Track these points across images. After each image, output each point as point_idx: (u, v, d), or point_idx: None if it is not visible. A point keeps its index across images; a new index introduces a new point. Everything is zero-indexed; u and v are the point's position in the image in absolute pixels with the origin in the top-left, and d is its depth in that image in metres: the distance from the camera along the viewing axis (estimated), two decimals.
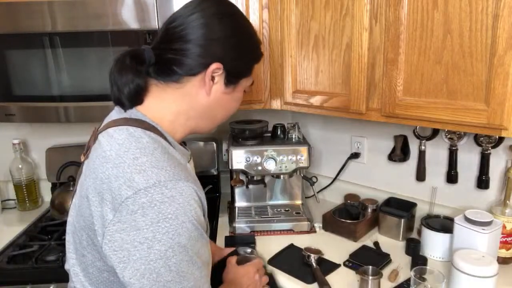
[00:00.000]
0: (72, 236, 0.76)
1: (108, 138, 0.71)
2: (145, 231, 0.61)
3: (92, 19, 1.27)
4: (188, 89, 0.77)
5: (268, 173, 1.41)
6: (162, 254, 0.62)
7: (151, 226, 0.61)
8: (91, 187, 0.68)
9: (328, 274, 1.16)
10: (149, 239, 0.61)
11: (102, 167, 0.67)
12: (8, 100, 1.36)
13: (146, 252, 0.61)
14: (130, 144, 0.68)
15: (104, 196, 0.65)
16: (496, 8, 0.85)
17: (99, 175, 0.67)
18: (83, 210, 0.69)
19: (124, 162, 0.65)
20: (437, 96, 1.00)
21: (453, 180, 1.33)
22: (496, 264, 0.97)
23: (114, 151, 0.68)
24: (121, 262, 0.63)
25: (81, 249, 0.72)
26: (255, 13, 1.33)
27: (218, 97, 0.79)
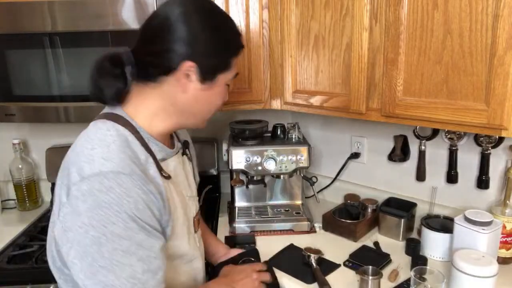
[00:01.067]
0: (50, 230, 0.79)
1: (84, 130, 0.78)
2: (83, 217, 0.66)
3: (92, 19, 1.27)
4: (166, 87, 0.80)
5: (268, 173, 1.41)
6: (95, 240, 0.66)
7: (88, 212, 0.66)
8: (59, 174, 0.75)
9: (328, 274, 1.16)
10: (86, 224, 0.65)
11: (68, 156, 0.75)
12: (8, 100, 1.36)
13: (83, 236, 0.66)
14: (95, 135, 0.74)
15: (63, 180, 0.71)
16: (496, 8, 0.85)
17: (64, 163, 0.74)
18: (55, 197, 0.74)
19: (82, 151, 0.71)
20: (437, 96, 1.00)
21: (453, 180, 1.33)
22: (496, 264, 0.97)
23: (81, 141, 0.74)
24: (68, 242, 0.68)
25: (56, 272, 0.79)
26: (255, 13, 1.33)
27: (196, 94, 0.81)
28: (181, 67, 0.77)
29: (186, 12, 0.77)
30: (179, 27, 0.76)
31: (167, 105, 0.82)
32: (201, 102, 0.83)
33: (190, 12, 0.78)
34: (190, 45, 0.77)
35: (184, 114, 0.84)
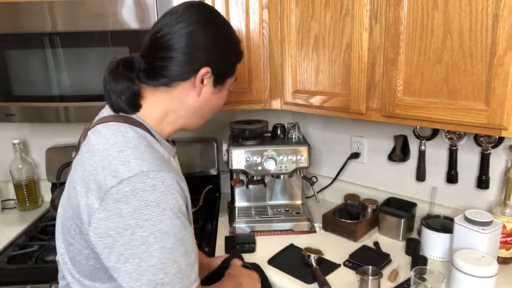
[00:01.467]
0: (61, 227, 0.79)
1: (96, 134, 0.76)
2: (128, 218, 0.64)
3: (92, 19, 1.27)
4: (178, 91, 0.82)
5: (268, 173, 1.41)
6: (144, 240, 0.65)
7: (134, 213, 0.64)
8: (79, 178, 0.71)
9: (328, 274, 1.16)
10: (131, 225, 0.64)
11: (90, 160, 0.71)
12: (8, 100, 1.36)
13: (129, 238, 0.65)
14: (117, 138, 0.72)
15: (90, 186, 0.68)
16: (496, 8, 0.85)
17: (87, 167, 0.71)
18: (71, 200, 0.73)
19: (110, 154, 0.69)
20: (437, 96, 1.00)
21: (453, 180, 1.33)
22: (496, 264, 0.97)
23: (102, 145, 0.72)
24: (106, 248, 0.67)
25: (69, 238, 0.75)
26: (255, 13, 1.33)
27: (207, 98, 0.86)
28: (199, 73, 0.81)
29: (201, 21, 0.81)
30: (197, 35, 0.80)
31: (177, 108, 0.84)
32: (210, 104, 0.88)
33: (207, 21, 0.82)
34: (207, 52, 0.81)
35: (193, 116, 0.87)
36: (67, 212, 0.75)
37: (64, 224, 0.77)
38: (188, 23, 0.79)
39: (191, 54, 0.79)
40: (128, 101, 0.78)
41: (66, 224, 0.76)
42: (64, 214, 0.77)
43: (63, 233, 0.78)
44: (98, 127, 0.77)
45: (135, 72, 0.80)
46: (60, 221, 0.79)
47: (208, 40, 0.81)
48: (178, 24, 0.79)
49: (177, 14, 0.81)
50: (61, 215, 0.79)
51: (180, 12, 0.81)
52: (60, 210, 0.80)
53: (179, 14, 0.80)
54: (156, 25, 0.82)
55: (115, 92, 0.77)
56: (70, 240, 0.75)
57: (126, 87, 0.77)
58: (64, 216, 0.77)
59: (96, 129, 0.77)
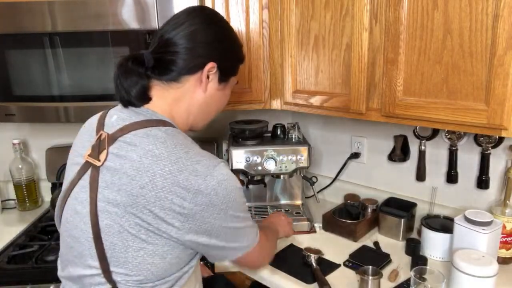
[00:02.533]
0: (112, 238, 0.75)
1: (144, 139, 0.77)
2: (219, 205, 0.75)
3: (92, 19, 1.27)
4: (187, 87, 0.87)
5: (268, 173, 1.41)
6: (235, 215, 0.79)
7: (224, 199, 0.76)
8: (149, 184, 0.73)
9: (328, 274, 1.16)
10: (223, 209, 0.76)
11: (158, 164, 0.74)
12: (8, 100, 1.36)
13: (223, 219, 0.77)
14: (172, 141, 0.77)
15: (172, 189, 0.73)
16: (496, 8, 0.85)
17: (157, 172, 0.73)
18: (138, 208, 0.73)
19: (180, 157, 0.75)
20: (437, 96, 1.00)
21: (453, 180, 1.33)
22: (496, 264, 0.97)
23: (163, 149, 0.75)
24: (206, 232, 0.76)
25: (137, 244, 0.75)
26: (255, 13, 1.33)
27: (212, 94, 0.90)
28: (205, 67, 0.86)
29: (206, 21, 0.88)
30: (204, 32, 0.86)
31: (188, 106, 0.88)
32: (215, 101, 0.93)
33: (210, 21, 0.89)
34: (213, 48, 0.87)
35: (200, 112, 0.91)
36: (129, 220, 0.74)
37: (121, 236, 0.75)
38: (191, 23, 0.85)
39: (197, 48, 0.85)
40: (138, 95, 0.82)
41: (124, 235, 0.74)
42: (123, 224, 0.74)
43: (122, 245, 0.75)
44: (140, 132, 0.78)
45: (144, 67, 0.83)
46: (110, 232, 0.76)
47: (213, 37, 0.87)
48: (182, 25, 0.85)
49: (182, 16, 0.87)
50: (111, 227, 0.75)
51: (185, 15, 0.87)
52: (107, 222, 0.76)
53: (183, 16, 0.87)
54: (162, 28, 0.87)
55: (124, 87, 0.81)
56: (139, 245, 0.75)
57: (135, 81, 0.81)
58: (122, 227, 0.74)
59: (136, 135, 0.78)
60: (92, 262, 0.78)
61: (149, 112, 0.83)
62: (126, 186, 0.74)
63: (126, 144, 0.77)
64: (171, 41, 0.84)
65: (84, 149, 0.84)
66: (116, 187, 0.75)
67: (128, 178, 0.74)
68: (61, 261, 0.88)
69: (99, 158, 0.78)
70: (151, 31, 1.27)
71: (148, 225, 0.74)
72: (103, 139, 0.80)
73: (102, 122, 0.85)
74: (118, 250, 0.75)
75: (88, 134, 0.87)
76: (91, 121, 0.91)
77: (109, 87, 1.33)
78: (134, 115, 0.82)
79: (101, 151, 0.79)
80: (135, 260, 0.75)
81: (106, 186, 0.76)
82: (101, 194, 0.76)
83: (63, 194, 0.86)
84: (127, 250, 0.75)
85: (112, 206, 0.75)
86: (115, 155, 0.77)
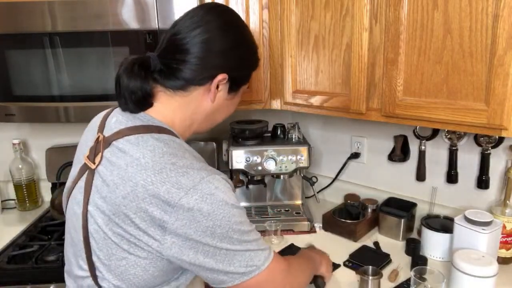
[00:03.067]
0: (98, 244, 0.75)
1: (134, 146, 0.74)
2: (204, 222, 0.68)
3: (92, 19, 1.27)
4: (194, 96, 0.82)
5: (268, 173, 1.41)
6: (225, 235, 0.71)
7: (209, 216, 0.68)
8: (131, 194, 0.70)
9: None
10: (210, 227, 0.69)
11: (141, 174, 0.70)
12: (8, 100, 1.36)
13: (210, 238, 0.69)
14: (162, 150, 0.72)
15: (152, 201, 0.68)
16: (496, 8, 0.85)
17: (139, 182, 0.69)
18: (120, 218, 0.71)
19: (164, 167, 0.70)
20: (437, 96, 1.00)
21: (453, 180, 1.33)
22: (496, 264, 0.97)
23: (149, 158, 0.71)
24: (191, 249, 0.70)
25: (119, 253, 0.73)
26: (255, 13, 1.33)
27: (220, 103, 0.86)
28: (215, 79, 0.81)
29: (221, 27, 0.81)
30: (215, 41, 0.79)
31: (192, 114, 0.84)
32: (222, 110, 0.89)
33: (228, 26, 0.82)
34: (227, 58, 0.81)
35: (205, 121, 0.88)
36: (113, 229, 0.72)
37: (105, 242, 0.73)
38: (207, 29, 0.79)
39: (209, 59, 0.79)
40: (138, 101, 0.78)
41: (108, 242, 0.73)
42: (104, 234, 0.73)
43: (106, 252, 0.74)
44: (132, 139, 0.75)
45: (150, 72, 0.79)
46: (96, 241, 0.75)
47: (227, 46, 0.81)
48: (197, 28, 0.79)
49: (197, 17, 0.80)
50: (97, 232, 0.74)
51: (200, 16, 0.80)
52: (94, 227, 0.75)
53: (198, 17, 0.80)
54: (174, 27, 0.81)
55: (127, 91, 0.77)
56: (121, 255, 0.73)
57: (139, 86, 0.77)
58: (105, 234, 0.73)
59: (129, 140, 0.75)
60: (83, 264, 0.78)
61: (147, 117, 0.79)
62: (111, 194, 0.72)
63: (118, 149, 0.75)
64: (183, 47, 0.78)
65: (86, 148, 0.83)
66: (104, 193, 0.73)
67: (113, 186, 0.72)
68: (66, 259, 0.89)
69: (94, 161, 0.77)
70: (151, 31, 1.27)
71: (130, 235, 0.71)
72: (99, 142, 0.79)
73: (104, 123, 0.83)
74: (102, 257, 0.74)
75: (91, 133, 0.86)
76: (96, 120, 0.89)
77: (109, 87, 1.34)
78: (131, 120, 0.79)
79: (97, 154, 0.77)
80: (118, 269, 0.74)
81: (96, 191, 0.75)
82: (91, 198, 0.75)
83: (66, 192, 0.87)
84: (110, 258, 0.74)
85: (99, 212, 0.74)
86: (108, 160, 0.75)
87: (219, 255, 0.72)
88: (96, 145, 0.79)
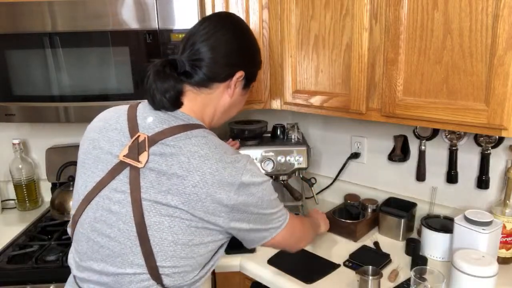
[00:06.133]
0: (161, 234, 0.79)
1: (187, 142, 0.82)
2: (257, 193, 0.83)
3: (92, 19, 1.27)
4: (216, 93, 0.92)
5: (267, 174, 1.41)
6: (270, 201, 0.87)
7: (259, 187, 0.84)
8: (200, 182, 0.79)
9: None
10: (260, 197, 0.84)
11: (206, 164, 0.80)
12: (8, 100, 1.36)
13: (261, 205, 0.84)
14: (212, 143, 0.84)
15: (219, 185, 0.80)
16: (496, 8, 0.85)
17: (206, 171, 0.80)
18: (190, 205, 0.79)
19: (222, 156, 0.82)
20: (437, 96, 1.00)
21: (453, 180, 1.33)
22: (496, 264, 0.97)
23: (208, 150, 0.82)
24: (246, 219, 0.84)
25: (188, 238, 0.81)
26: (255, 13, 1.33)
27: (236, 99, 0.96)
28: (235, 76, 0.91)
29: (236, 30, 0.92)
30: (234, 42, 0.91)
31: (215, 108, 0.94)
32: (237, 105, 1.00)
33: (240, 30, 0.94)
34: (242, 57, 0.93)
35: (223, 115, 0.98)
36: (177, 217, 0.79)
37: (171, 231, 0.79)
38: (224, 33, 0.89)
39: (228, 58, 0.89)
40: (172, 99, 0.86)
41: (174, 230, 0.80)
42: (169, 223, 0.79)
43: (172, 239, 0.80)
44: (182, 136, 0.83)
45: (178, 73, 0.87)
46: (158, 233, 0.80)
47: (242, 46, 0.93)
48: (216, 33, 0.89)
49: (215, 22, 0.90)
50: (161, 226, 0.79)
51: (216, 21, 0.91)
52: (156, 219, 0.79)
53: (214, 24, 0.90)
54: (194, 34, 0.90)
55: (160, 91, 0.84)
56: (188, 238, 0.81)
57: (172, 86, 0.85)
58: (171, 223, 0.79)
59: (178, 138, 0.82)
60: (136, 259, 0.79)
61: (186, 116, 0.87)
62: (178, 185, 0.79)
63: (169, 147, 0.81)
64: (203, 50, 0.88)
65: (114, 148, 0.84)
66: (164, 187, 0.79)
67: (179, 179, 0.79)
68: (80, 259, 0.86)
69: (139, 159, 0.81)
70: (151, 31, 1.27)
71: (199, 219, 0.79)
72: (142, 141, 0.82)
73: (135, 122, 0.86)
74: (167, 245, 0.79)
75: (117, 132, 0.86)
76: (117, 119, 0.89)
77: (109, 87, 1.34)
78: (173, 120, 0.85)
79: (141, 153, 0.81)
80: (183, 251, 0.81)
81: (151, 186, 0.79)
82: (146, 193, 0.79)
83: (86, 191, 0.85)
84: (176, 243, 0.80)
85: (160, 205, 0.79)
86: (160, 157, 0.80)
87: (265, 219, 0.87)
88: (138, 144, 0.82)
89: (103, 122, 0.91)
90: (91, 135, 0.90)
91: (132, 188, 0.80)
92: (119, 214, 0.80)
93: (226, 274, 1.29)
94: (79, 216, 0.86)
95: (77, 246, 0.87)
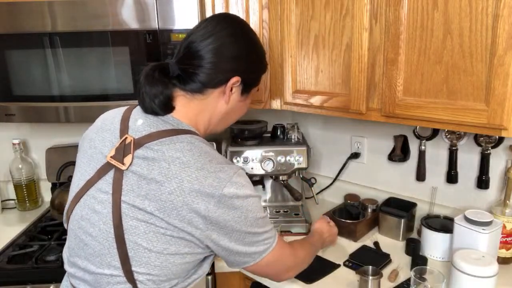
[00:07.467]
0: (137, 239, 0.77)
1: (171, 147, 0.80)
2: (240, 208, 0.79)
3: (92, 19, 1.27)
4: (211, 99, 0.89)
5: (266, 173, 1.41)
6: (256, 219, 0.82)
7: (243, 202, 0.80)
8: (177, 190, 0.76)
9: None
10: (244, 212, 0.80)
11: (185, 171, 0.77)
12: (8, 100, 1.36)
13: (243, 222, 0.80)
14: (198, 150, 0.81)
15: (197, 195, 0.76)
16: (496, 8, 0.85)
17: (184, 178, 0.77)
18: (165, 212, 0.76)
19: (204, 165, 0.79)
20: (437, 96, 1.00)
21: (453, 180, 1.33)
22: (496, 264, 0.97)
23: (190, 157, 0.79)
24: (227, 235, 0.80)
25: (162, 245, 0.78)
26: (255, 13, 1.33)
27: (234, 105, 0.93)
28: (230, 82, 0.88)
29: (234, 34, 0.89)
30: (231, 46, 0.88)
31: (210, 117, 0.91)
32: (235, 111, 0.96)
33: (240, 34, 0.90)
34: (239, 62, 0.89)
35: (220, 122, 0.95)
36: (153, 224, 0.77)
37: (146, 237, 0.77)
38: (219, 36, 0.86)
39: (222, 64, 0.86)
40: (161, 104, 0.84)
41: (148, 237, 0.77)
42: (145, 229, 0.77)
43: (146, 246, 0.77)
44: (167, 140, 0.80)
45: (169, 77, 0.86)
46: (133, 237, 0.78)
47: (241, 51, 0.89)
48: (210, 37, 0.86)
49: (210, 27, 0.87)
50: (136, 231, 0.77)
51: (213, 26, 0.87)
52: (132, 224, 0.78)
53: (212, 27, 0.87)
54: (190, 36, 0.88)
55: (149, 95, 0.83)
56: (162, 246, 0.78)
57: (160, 91, 0.83)
58: (146, 230, 0.77)
59: (163, 142, 0.80)
60: (113, 261, 0.79)
61: (175, 121, 0.85)
62: (155, 191, 0.77)
63: (153, 151, 0.79)
64: (198, 54, 0.85)
65: (105, 148, 0.84)
66: (143, 191, 0.77)
67: (157, 184, 0.77)
68: (70, 255, 0.87)
69: (123, 161, 0.80)
70: (151, 31, 1.27)
71: (174, 228, 0.77)
72: (128, 143, 0.81)
73: (127, 124, 0.86)
74: (141, 250, 0.78)
75: (109, 133, 0.87)
76: (111, 120, 0.90)
77: (109, 87, 1.34)
78: (161, 123, 0.84)
79: (126, 155, 0.80)
80: (158, 259, 0.78)
81: (131, 190, 0.78)
82: (126, 196, 0.78)
83: (78, 189, 0.86)
84: (151, 250, 0.77)
85: (137, 209, 0.77)
86: (143, 161, 0.79)
87: (248, 238, 0.83)
88: (125, 146, 0.81)
89: (101, 122, 0.92)
90: (90, 135, 0.91)
91: (114, 189, 0.79)
92: (101, 214, 0.80)
93: (226, 274, 1.29)
94: (70, 212, 0.88)
95: (68, 242, 0.89)
